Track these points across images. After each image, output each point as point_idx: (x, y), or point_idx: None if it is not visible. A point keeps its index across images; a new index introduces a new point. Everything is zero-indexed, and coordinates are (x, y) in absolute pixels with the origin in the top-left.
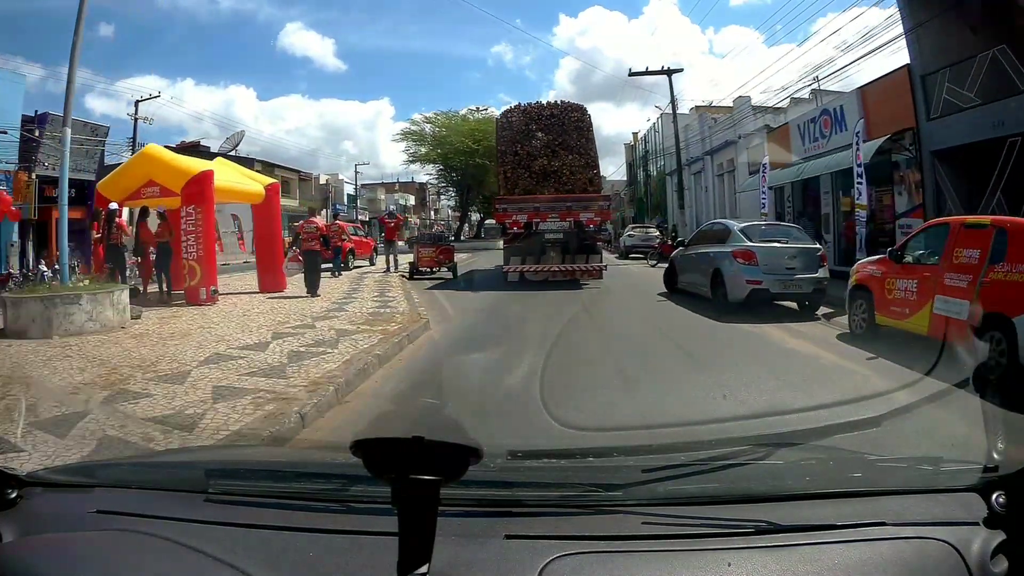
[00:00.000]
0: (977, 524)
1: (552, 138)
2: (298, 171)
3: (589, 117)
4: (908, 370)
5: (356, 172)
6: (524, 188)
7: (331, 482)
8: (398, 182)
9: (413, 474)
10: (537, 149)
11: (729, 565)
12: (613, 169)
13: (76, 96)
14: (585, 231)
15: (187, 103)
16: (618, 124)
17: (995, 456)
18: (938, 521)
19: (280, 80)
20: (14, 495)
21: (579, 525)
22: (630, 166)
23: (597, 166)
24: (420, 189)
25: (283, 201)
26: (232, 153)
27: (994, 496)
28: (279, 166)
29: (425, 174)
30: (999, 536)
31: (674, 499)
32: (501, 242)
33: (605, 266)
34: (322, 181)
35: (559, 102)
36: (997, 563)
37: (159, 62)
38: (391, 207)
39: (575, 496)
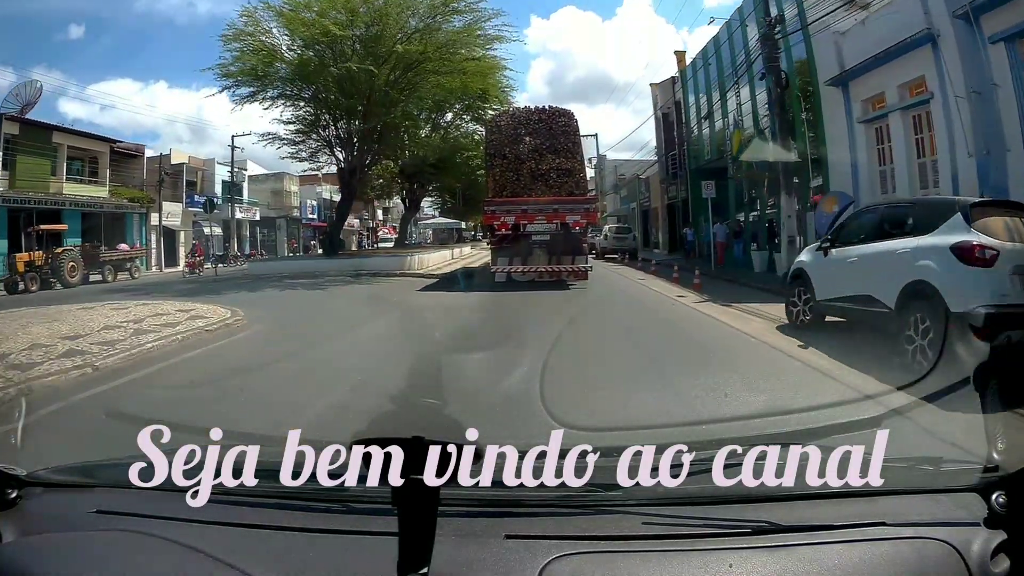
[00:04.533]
0: (977, 524)
1: (540, 142)
2: (110, 140)
3: (576, 122)
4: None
5: (232, 148)
6: (512, 191)
7: (331, 482)
8: (322, 172)
9: (413, 474)
10: (525, 153)
11: (731, 566)
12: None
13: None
14: (571, 233)
15: (160, 106)
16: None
17: (995, 456)
18: (938, 521)
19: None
20: (14, 495)
21: (579, 525)
22: (664, 118)
23: (584, 169)
24: (381, 186)
25: (77, 189)
26: (25, 116)
27: (994, 496)
28: (77, 132)
29: (277, 121)
30: (999, 536)
31: (674, 499)
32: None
33: (591, 267)
34: (176, 160)
35: (547, 107)
36: (997, 563)
37: (132, 64)
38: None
39: (575, 496)
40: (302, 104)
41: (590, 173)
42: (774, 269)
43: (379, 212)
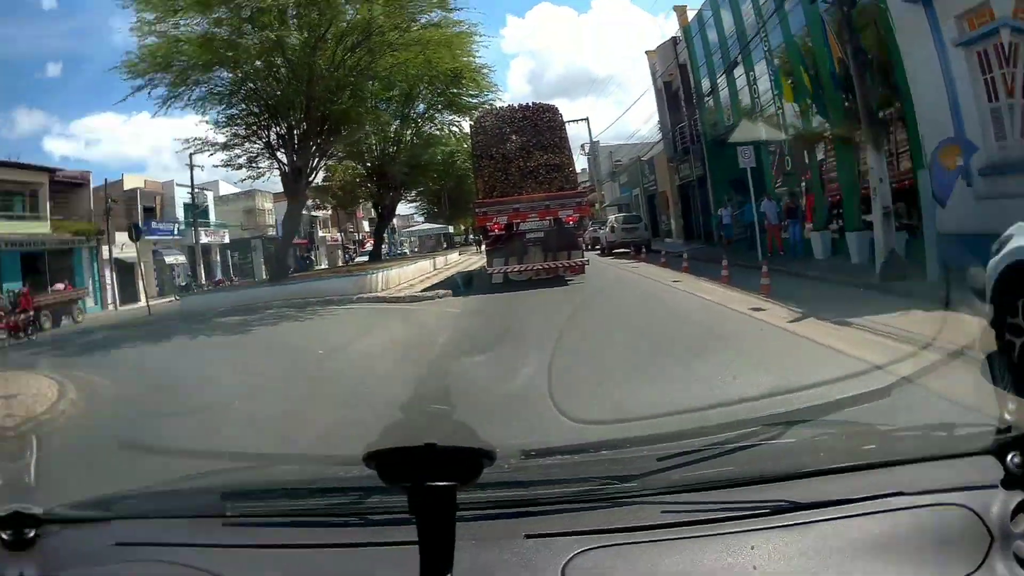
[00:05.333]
0: (995, 487)
1: (526, 139)
2: (47, 169)
3: (561, 116)
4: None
5: (191, 167)
6: (502, 190)
7: (347, 495)
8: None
9: (428, 481)
10: (512, 151)
11: (752, 548)
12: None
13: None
14: (565, 228)
15: (144, 137)
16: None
17: (1007, 417)
18: (955, 486)
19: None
20: (32, 534)
21: (598, 519)
22: (666, 88)
23: (572, 163)
24: (345, 192)
25: (13, 227)
26: None
27: (1009, 457)
28: (8, 164)
29: (204, 123)
30: (1018, 496)
31: (691, 485)
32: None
33: (587, 260)
34: (129, 186)
35: (531, 104)
36: (1018, 523)
37: (111, 98)
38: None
39: (591, 490)
40: (235, 101)
41: (583, 164)
42: (843, 253)
43: (365, 224)
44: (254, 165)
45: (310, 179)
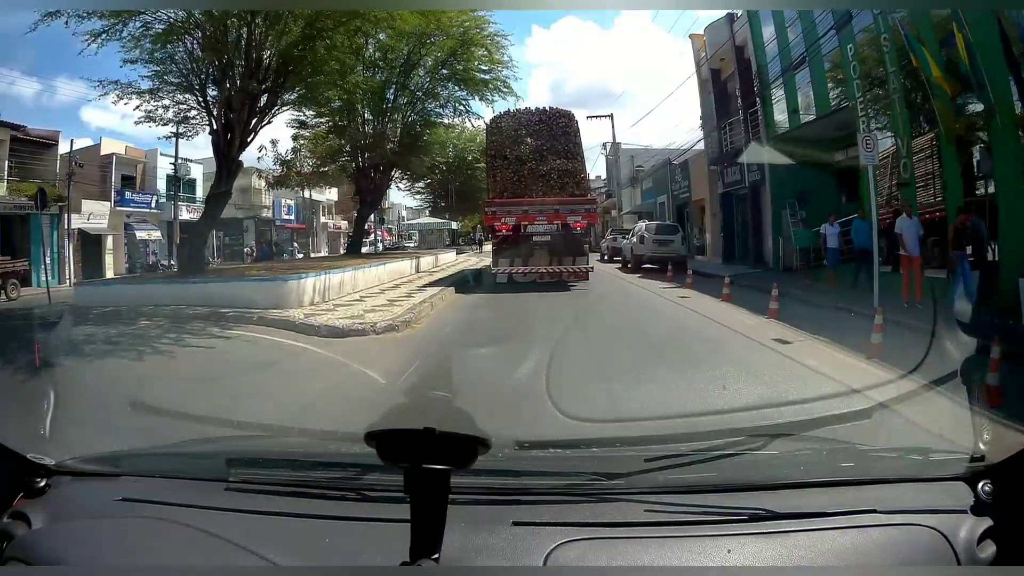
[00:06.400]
0: (964, 512)
1: (541, 143)
2: (10, 125)
3: (576, 123)
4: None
5: (176, 136)
6: (513, 192)
7: (346, 471)
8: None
9: (425, 463)
10: (526, 154)
11: (729, 551)
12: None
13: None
14: (572, 233)
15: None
16: None
17: (981, 446)
18: (926, 509)
19: None
20: (43, 483)
21: (583, 513)
22: (714, 77)
23: (584, 170)
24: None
25: None
26: None
27: (980, 485)
28: None
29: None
30: (985, 523)
31: (675, 488)
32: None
33: (591, 267)
34: (107, 151)
35: (548, 108)
36: (983, 549)
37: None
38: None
39: (580, 484)
40: (171, 38)
41: (600, 168)
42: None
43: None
44: (187, 123)
45: (247, 140)
